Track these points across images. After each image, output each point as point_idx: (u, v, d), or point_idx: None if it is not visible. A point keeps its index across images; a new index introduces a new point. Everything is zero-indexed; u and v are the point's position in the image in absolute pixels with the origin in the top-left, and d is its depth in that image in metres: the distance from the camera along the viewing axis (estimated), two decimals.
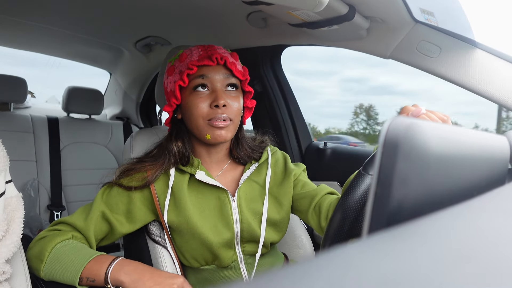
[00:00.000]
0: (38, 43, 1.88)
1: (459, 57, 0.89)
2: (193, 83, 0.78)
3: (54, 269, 0.71)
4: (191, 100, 0.78)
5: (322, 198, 0.85)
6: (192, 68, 0.76)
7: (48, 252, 0.72)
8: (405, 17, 0.91)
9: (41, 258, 0.72)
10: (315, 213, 0.85)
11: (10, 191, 0.70)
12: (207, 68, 0.77)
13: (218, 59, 0.77)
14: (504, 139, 0.38)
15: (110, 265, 0.70)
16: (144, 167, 0.82)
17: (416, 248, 0.16)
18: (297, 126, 1.57)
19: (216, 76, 0.78)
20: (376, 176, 0.22)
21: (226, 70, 0.79)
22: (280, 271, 0.14)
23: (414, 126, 0.23)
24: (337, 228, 0.63)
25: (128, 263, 0.71)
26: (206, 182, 0.82)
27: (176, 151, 0.82)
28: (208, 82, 0.78)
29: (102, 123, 2.12)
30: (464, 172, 0.30)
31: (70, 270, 0.70)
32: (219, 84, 0.78)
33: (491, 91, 0.86)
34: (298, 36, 1.17)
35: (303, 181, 0.91)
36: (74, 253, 0.72)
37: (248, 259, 0.85)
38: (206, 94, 0.78)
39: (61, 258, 0.71)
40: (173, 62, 0.82)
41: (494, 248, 0.17)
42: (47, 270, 0.72)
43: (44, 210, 1.80)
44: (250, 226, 0.83)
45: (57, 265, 0.71)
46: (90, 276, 0.70)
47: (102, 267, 0.70)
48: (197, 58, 0.78)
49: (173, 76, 0.81)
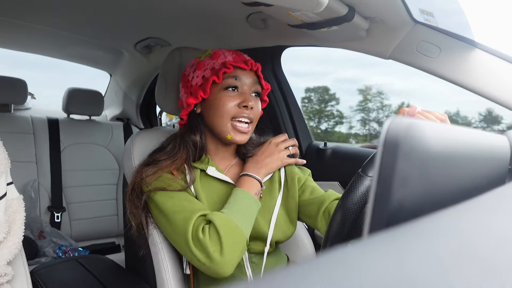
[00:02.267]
0: (39, 45, 1.89)
1: (459, 57, 0.89)
2: (225, 82, 0.81)
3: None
4: (221, 97, 0.81)
5: (331, 204, 0.85)
6: (229, 68, 0.80)
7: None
8: (404, 17, 0.91)
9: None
10: (324, 219, 0.85)
11: (11, 193, 0.70)
12: (241, 70, 0.82)
13: (252, 65, 0.83)
14: (504, 139, 0.38)
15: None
16: (167, 166, 0.81)
17: (416, 248, 0.16)
18: (297, 126, 1.57)
19: (247, 80, 0.82)
20: (376, 176, 0.22)
21: (256, 77, 0.85)
22: (281, 272, 0.14)
23: (414, 126, 0.23)
24: (338, 228, 0.63)
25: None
26: (217, 178, 0.84)
27: (197, 143, 0.84)
28: (239, 84, 0.82)
29: (102, 124, 2.12)
30: (464, 172, 0.30)
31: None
32: (248, 88, 0.83)
33: (490, 91, 0.86)
34: (298, 37, 1.17)
35: (312, 187, 0.91)
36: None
37: (253, 257, 0.85)
38: (235, 94, 0.81)
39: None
40: (202, 58, 0.85)
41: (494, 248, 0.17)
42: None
43: (45, 211, 1.80)
44: (256, 222, 0.83)
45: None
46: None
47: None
48: (232, 59, 0.82)
49: (202, 71, 0.83)
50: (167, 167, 0.81)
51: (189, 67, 0.87)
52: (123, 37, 1.67)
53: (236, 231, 0.73)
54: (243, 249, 0.74)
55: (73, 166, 1.92)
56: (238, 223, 0.74)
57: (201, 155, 0.86)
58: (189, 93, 0.84)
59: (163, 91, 1.01)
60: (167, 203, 0.77)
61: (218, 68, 0.81)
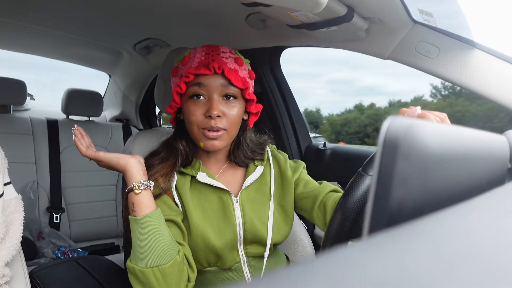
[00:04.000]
0: (38, 46, 1.89)
1: (458, 58, 0.90)
2: (190, 91, 0.77)
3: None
4: (188, 107, 0.78)
5: (326, 196, 0.84)
6: (188, 76, 0.76)
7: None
8: (403, 18, 0.91)
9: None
10: (320, 212, 0.84)
11: (9, 193, 0.69)
12: (204, 77, 0.76)
13: (216, 68, 0.75)
14: (504, 139, 0.38)
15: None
16: (156, 172, 0.81)
17: (416, 248, 0.16)
18: (296, 126, 1.57)
19: (213, 85, 0.76)
20: (376, 176, 0.22)
21: (224, 80, 0.76)
22: (280, 272, 0.14)
23: (414, 126, 0.23)
24: (338, 228, 0.63)
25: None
26: (208, 184, 0.82)
27: (182, 150, 0.83)
28: (205, 91, 0.77)
29: (101, 125, 2.12)
30: (464, 172, 0.30)
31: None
32: (216, 94, 0.76)
33: (490, 91, 0.86)
34: (297, 37, 1.18)
35: (305, 180, 0.90)
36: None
37: (251, 261, 0.84)
38: (202, 102, 0.77)
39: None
40: (178, 64, 0.83)
41: (494, 248, 0.17)
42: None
43: (44, 212, 1.80)
44: (253, 226, 0.82)
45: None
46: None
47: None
48: (196, 64, 0.77)
49: (175, 78, 0.82)
50: (159, 171, 0.81)
51: (171, 73, 0.85)
52: (122, 38, 1.67)
53: (140, 277, 0.70)
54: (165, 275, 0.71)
55: (72, 167, 1.91)
56: (137, 262, 0.70)
57: (190, 160, 0.84)
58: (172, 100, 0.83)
59: (162, 92, 1.01)
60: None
61: (182, 76, 0.78)
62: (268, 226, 0.84)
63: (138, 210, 0.72)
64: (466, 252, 0.16)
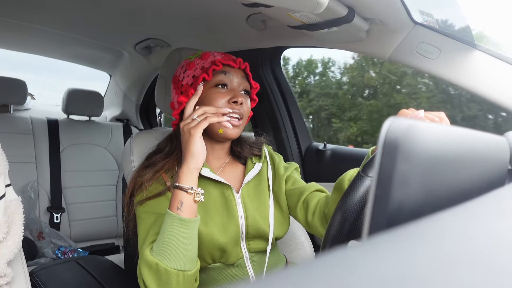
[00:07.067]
0: (38, 46, 1.89)
1: (458, 59, 0.90)
2: (215, 79, 0.82)
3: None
4: (211, 94, 0.82)
5: (311, 195, 0.87)
6: (218, 65, 0.82)
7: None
8: (404, 19, 0.91)
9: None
10: (303, 208, 0.87)
11: (10, 195, 0.70)
12: (230, 68, 0.84)
13: (241, 63, 0.86)
14: (504, 140, 0.38)
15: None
16: (161, 168, 0.82)
17: (416, 250, 0.16)
18: (296, 127, 1.57)
19: (236, 78, 0.84)
20: (376, 177, 0.22)
21: (244, 74, 0.87)
22: (280, 273, 0.14)
23: (414, 128, 0.23)
24: (337, 229, 0.63)
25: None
26: (210, 179, 0.83)
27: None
28: (229, 81, 0.83)
29: (102, 125, 2.12)
30: (464, 173, 0.30)
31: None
32: (237, 85, 0.84)
33: (489, 92, 0.86)
34: (298, 38, 1.18)
35: (294, 178, 0.93)
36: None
37: (253, 256, 0.86)
38: (225, 91, 0.83)
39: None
40: (193, 59, 0.87)
41: (494, 249, 0.17)
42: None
43: (44, 212, 1.80)
44: (255, 221, 0.84)
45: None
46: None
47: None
48: (221, 58, 0.85)
49: (192, 71, 0.85)
50: (164, 166, 0.82)
51: (180, 68, 0.89)
52: (123, 38, 1.67)
53: (163, 275, 0.68)
54: (178, 281, 0.70)
55: (73, 167, 1.92)
56: (165, 260, 0.68)
57: None
58: (180, 92, 0.85)
59: (163, 92, 1.01)
60: (143, 216, 0.78)
61: (207, 66, 0.83)
62: (269, 221, 0.86)
63: (185, 211, 0.71)
64: (465, 254, 0.16)
